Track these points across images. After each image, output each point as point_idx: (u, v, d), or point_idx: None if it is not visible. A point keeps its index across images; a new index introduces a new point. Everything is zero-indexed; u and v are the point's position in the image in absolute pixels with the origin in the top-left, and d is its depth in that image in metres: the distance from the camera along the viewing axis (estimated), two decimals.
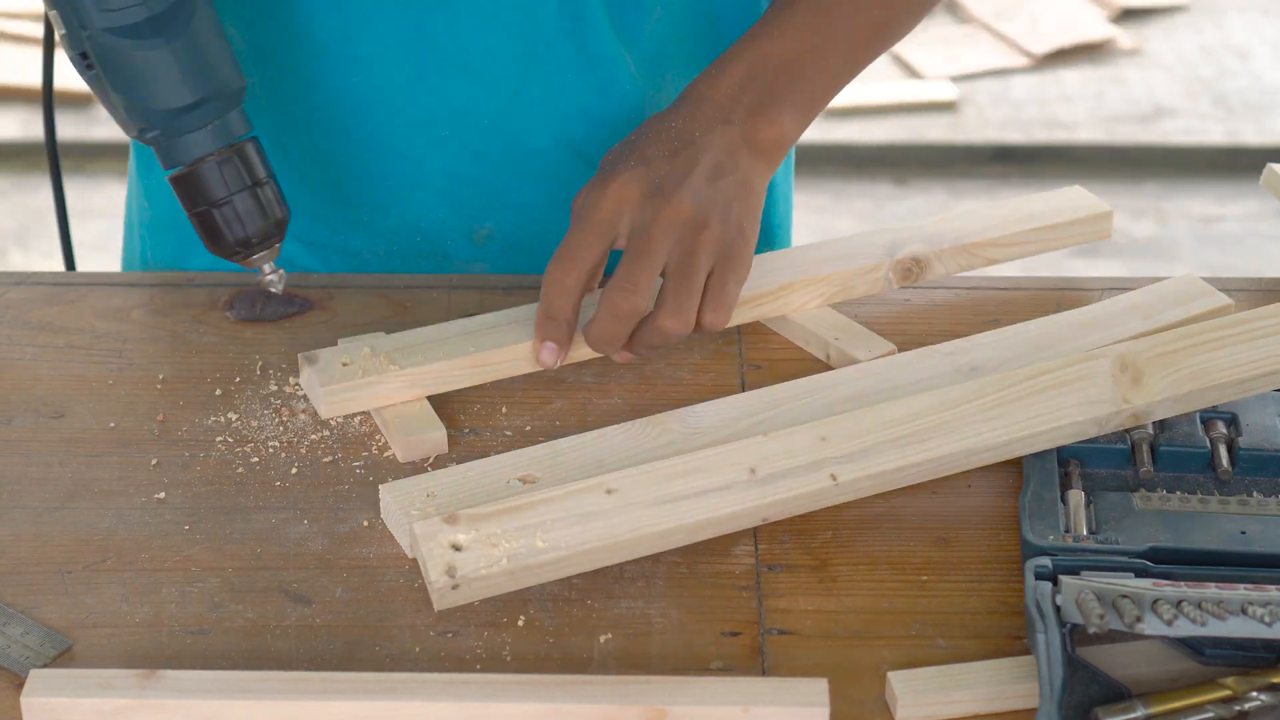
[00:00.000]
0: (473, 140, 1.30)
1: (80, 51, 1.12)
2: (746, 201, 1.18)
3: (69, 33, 1.12)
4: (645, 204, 1.15)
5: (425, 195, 1.32)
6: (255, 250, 1.15)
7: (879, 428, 1.07)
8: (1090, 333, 1.20)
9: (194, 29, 1.12)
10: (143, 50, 1.11)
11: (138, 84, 1.12)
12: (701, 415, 1.13)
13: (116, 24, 1.10)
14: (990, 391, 1.10)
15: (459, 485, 1.06)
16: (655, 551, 1.03)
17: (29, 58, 4.67)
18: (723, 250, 1.16)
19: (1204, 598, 0.94)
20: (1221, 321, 1.15)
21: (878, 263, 1.26)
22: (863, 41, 1.26)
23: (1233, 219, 4.21)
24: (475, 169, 1.31)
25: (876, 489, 1.07)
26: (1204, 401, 1.12)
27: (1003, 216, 1.31)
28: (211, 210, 1.14)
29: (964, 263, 1.29)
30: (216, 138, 1.14)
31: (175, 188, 1.15)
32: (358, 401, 1.16)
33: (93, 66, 1.12)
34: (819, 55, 1.23)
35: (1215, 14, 5.11)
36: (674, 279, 1.15)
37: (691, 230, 1.15)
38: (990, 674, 0.97)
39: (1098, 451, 1.10)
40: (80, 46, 1.12)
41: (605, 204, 1.16)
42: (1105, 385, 1.10)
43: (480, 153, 1.31)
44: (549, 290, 1.16)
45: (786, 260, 1.27)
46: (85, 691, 0.94)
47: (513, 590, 1.01)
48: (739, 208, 1.17)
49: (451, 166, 1.31)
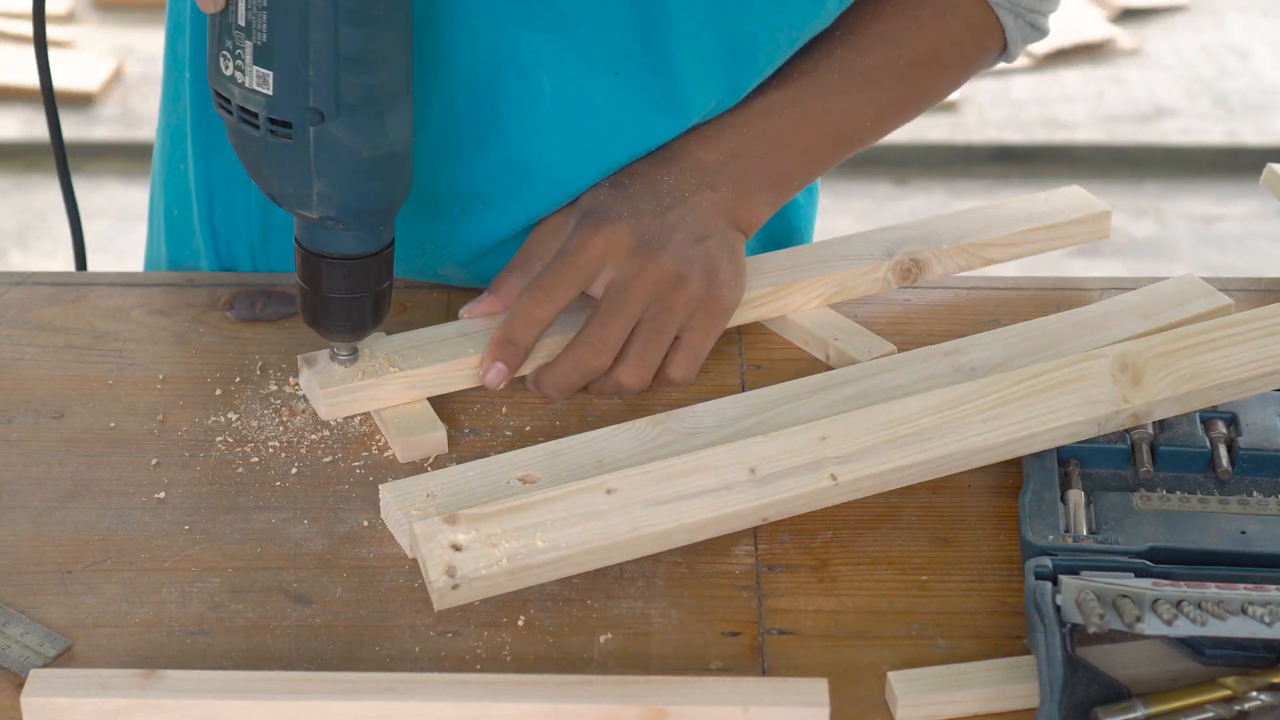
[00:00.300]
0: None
1: (285, 119, 1.05)
2: (732, 264, 1.20)
3: (289, 89, 1.04)
4: (631, 258, 1.17)
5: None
6: (349, 339, 1.15)
7: (879, 428, 1.07)
8: (1090, 333, 1.20)
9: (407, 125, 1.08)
10: (367, 141, 1.06)
11: (353, 176, 1.07)
12: (701, 415, 1.13)
13: (357, 90, 1.04)
14: (990, 391, 1.10)
15: (459, 485, 1.06)
16: (655, 551, 1.03)
17: (29, 58, 4.68)
18: (701, 308, 1.18)
19: (1204, 597, 0.94)
20: (1221, 321, 1.15)
21: (877, 263, 1.27)
22: (845, 140, 1.28)
23: (1233, 219, 4.21)
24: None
25: (876, 489, 1.07)
26: (1204, 401, 1.12)
27: (1002, 216, 1.32)
28: (339, 299, 1.12)
29: (963, 263, 1.29)
30: (380, 239, 1.11)
31: (308, 265, 1.11)
32: (357, 403, 1.16)
33: (293, 137, 1.06)
34: (808, 146, 1.26)
35: (1215, 14, 5.11)
36: (641, 335, 1.16)
37: (671, 287, 1.17)
38: (990, 674, 0.97)
39: (1098, 451, 1.10)
40: (302, 108, 1.05)
41: (592, 249, 1.17)
42: (1105, 385, 1.10)
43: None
44: (517, 318, 1.16)
45: (786, 260, 1.27)
46: (85, 691, 0.94)
47: (513, 590, 1.01)
48: (724, 269, 1.19)
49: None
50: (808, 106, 1.25)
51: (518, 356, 1.17)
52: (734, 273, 1.20)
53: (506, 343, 1.16)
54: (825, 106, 1.25)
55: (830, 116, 1.26)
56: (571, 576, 1.02)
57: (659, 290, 1.17)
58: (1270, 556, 1.02)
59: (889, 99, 1.28)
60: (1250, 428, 1.11)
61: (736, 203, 1.22)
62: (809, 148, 1.26)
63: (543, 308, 1.16)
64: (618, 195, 1.20)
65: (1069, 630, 0.96)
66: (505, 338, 1.16)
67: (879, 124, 1.29)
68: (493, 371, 1.16)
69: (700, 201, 1.20)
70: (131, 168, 4.35)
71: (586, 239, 1.17)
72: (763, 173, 1.23)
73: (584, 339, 1.16)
